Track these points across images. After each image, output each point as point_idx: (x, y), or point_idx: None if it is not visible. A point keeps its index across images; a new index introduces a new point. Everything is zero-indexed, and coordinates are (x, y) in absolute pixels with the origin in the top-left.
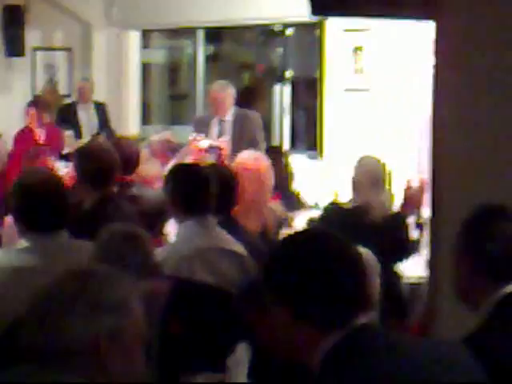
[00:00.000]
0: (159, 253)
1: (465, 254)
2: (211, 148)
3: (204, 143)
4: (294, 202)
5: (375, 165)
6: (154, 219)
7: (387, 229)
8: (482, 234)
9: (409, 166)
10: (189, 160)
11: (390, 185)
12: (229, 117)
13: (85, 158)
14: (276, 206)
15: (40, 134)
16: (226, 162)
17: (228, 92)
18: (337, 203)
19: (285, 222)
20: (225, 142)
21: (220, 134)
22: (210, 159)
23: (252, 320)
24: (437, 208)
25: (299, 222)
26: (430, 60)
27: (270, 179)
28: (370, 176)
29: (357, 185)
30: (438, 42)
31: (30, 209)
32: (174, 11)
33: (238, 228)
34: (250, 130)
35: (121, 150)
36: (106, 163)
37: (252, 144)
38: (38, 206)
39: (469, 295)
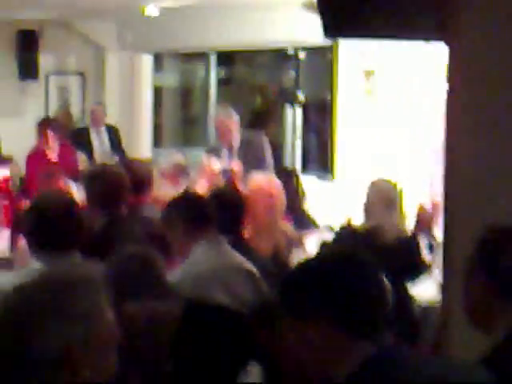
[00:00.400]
0: (175, 274)
1: (477, 275)
2: (224, 171)
3: (217, 166)
4: (305, 223)
5: (388, 187)
6: (165, 241)
7: (400, 251)
8: (495, 255)
9: (422, 188)
10: (203, 183)
11: (402, 207)
12: (236, 143)
13: (94, 180)
14: (287, 226)
15: (53, 154)
16: (239, 185)
17: (233, 119)
18: (349, 226)
19: (296, 243)
20: (236, 165)
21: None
22: (222, 182)
23: (264, 340)
24: (449, 230)
25: (311, 243)
26: (443, 83)
27: (282, 201)
28: (383, 198)
29: (369, 207)
30: (450, 65)
31: (44, 229)
32: (187, 35)
33: (249, 249)
34: (255, 155)
35: (132, 172)
36: (115, 185)
37: (258, 167)
38: (52, 226)
39: (482, 318)
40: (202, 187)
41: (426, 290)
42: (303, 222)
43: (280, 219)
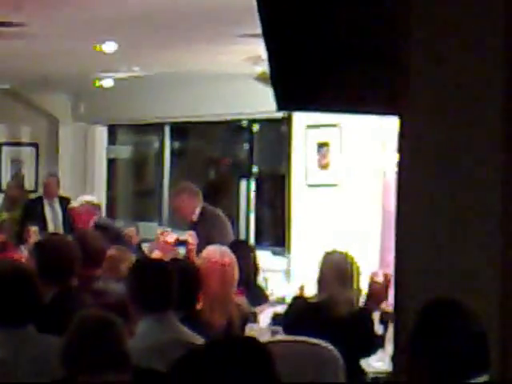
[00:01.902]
0: None
1: (420, 353)
2: (179, 242)
3: (171, 237)
4: (259, 297)
5: (341, 259)
6: (119, 313)
7: (352, 325)
8: (437, 333)
9: (374, 260)
10: (156, 255)
11: (357, 280)
12: (195, 217)
13: (43, 251)
14: (241, 300)
15: None
16: (195, 256)
17: (184, 196)
18: (302, 298)
19: (250, 317)
20: (192, 236)
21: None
22: (178, 253)
23: None
24: (400, 303)
25: (264, 317)
26: (395, 154)
27: (235, 274)
28: (336, 271)
29: (322, 279)
30: (401, 136)
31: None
32: (141, 107)
33: (202, 323)
34: (207, 230)
35: (86, 243)
36: (65, 256)
37: (209, 242)
38: (6, 299)
39: None
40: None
41: (379, 362)
42: (257, 295)
43: (233, 292)
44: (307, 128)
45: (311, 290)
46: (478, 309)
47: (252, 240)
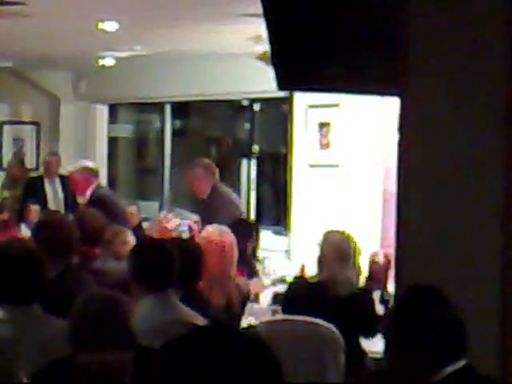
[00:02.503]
0: None
1: (397, 339)
2: (179, 227)
3: (173, 223)
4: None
5: (341, 239)
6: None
7: (352, 304)
8: (413, 320)
9: (374, 241)
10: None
11: (357, 260)
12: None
13: (42, 230)
14: (241, 280)
15: None
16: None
17: (199, 172)
18: (302, 277)
19: (251, 296)
20: (196, 222)
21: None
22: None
23: None
24: (401, 283)
25: (265, 296)
26: (396, 134)
27: (234, 254)
28: (336, 251)
29: (322, 259)
30: (401, 116)
31: (4, 282)
32: (142, 86)
33: (202, 302)
34: (214, 210)
35: (85, 223)
36: (64, 236)
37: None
38: (14, 278)
39: (405, 382)
40: None
41: (379, 342)
42: (253, 274)
43: (232, 271)
44: (308, 107)
45: (312, 270)
46: (476, 292)
47: (253, 219)
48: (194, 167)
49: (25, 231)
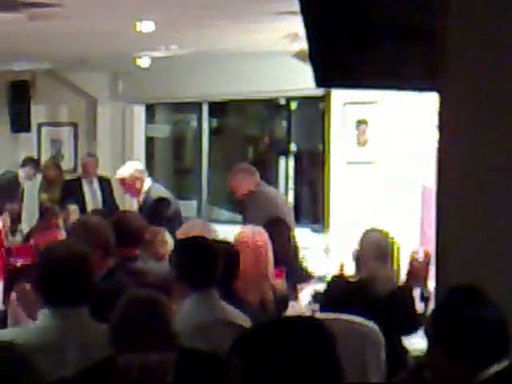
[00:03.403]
0: None
1: (439, 340)
2: None
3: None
4: (300, 275)
5: (381, 238)
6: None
7: (393, 303)
8: (456, 320)
9: (413, 238)
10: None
11: (397, 258)
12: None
13: (77, 232)
14: (278, 282)
15: None
16: None
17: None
18: (341, 276)
19: (290, 296)
20: None
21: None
22: None
23: None
24: (442, 281)
25: (304, 295)
26: (434, 132)
27: (269, 254)
28: (375, 249)
29: (361, 258)
30: (441, 113)
31: (52, 283)
32: (179, 85)
33: (240, 302)
34: (250, 211)
35: (124, 224)
36: (99, 238)
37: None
38: (61, 280)
39: (447, 382)
40: None
41: (420, 340)
42: (298, 273)
43: (268, 271)
44: (345, 105)
45: (351, 268)
46: None
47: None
48: (233, 173)
49: (63, 233)
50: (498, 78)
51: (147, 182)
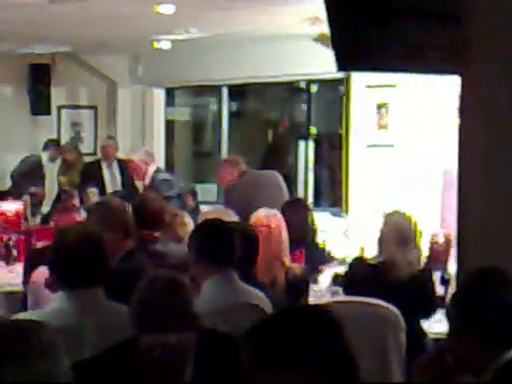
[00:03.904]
0: None
1: (462, 323)
2: None
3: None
4: (320, 256)
5: (402, 221)
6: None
7: (413, 286)
8: (480, 303)
9: (433, 221)
10: None
11: (418, 241)
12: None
13: (96, 214)
14: (297, 267)
15: None
16: None
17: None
18: (362, 259)
19: (310, 278)
20: None
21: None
22: None
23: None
24: (463, 263)
25: (324, 277)
26: (455, 116)
27: (283, 237)
28: (397, 232)
29: (383, 240)
30: (463, 96)
31: (66, 264)
32: (198, 69)
33: (259, 285)
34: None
35: (144, 206)
36: (118, 220)
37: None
38: (74, 261)
39: (468, 364)
40: None
41: (440, 322)
42: (317, 255)
43: (280, 254)
44: (366, 88)
45: (371, 251)
46: None
47: (311, 201)
48: (218, 164)
49: (84, 215)
50: None
51: (153, 167)
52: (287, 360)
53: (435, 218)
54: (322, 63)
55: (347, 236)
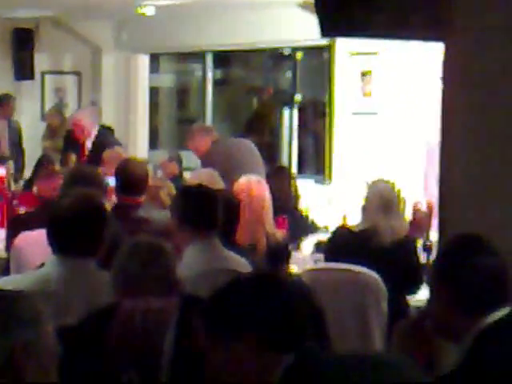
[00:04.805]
0: None
1: (441, 287)
2: None
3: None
4: (303, 225)
5: (386, 188)
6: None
7: (396, 253)
8: (459, 267)
9: (416, 189)
10: None
11: (402, 209)
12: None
13: (74, 180)
14: (280, 233)
15: None
16: None
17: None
18: (345, 226)
19: (288, 246)
20: None
21: None
22: None
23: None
24: (444, 231)
25: (307, 244)
26: (438, 83)
27: (265, 202)
28: (380, 199)
29: (366, 208)
30: (446, 62)
31: (64, 230)
32: (183, 35)
33: (239, 250)
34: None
35: (128, 172)
36: (96, 184)
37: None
38: (74, 228)
39: (448, 330)
40: None
41: (421, 290)
42: (299, 222)
43: (263, 220)
44: (350, 55)
45: (354, 219)
46: None
47: (295, 168)
48: (191, 132)
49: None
50: (504, 29)
51: (96, 129)
52: (234, 328)
53: (418, 186)
54: (307, 30)
55: (331, 203)
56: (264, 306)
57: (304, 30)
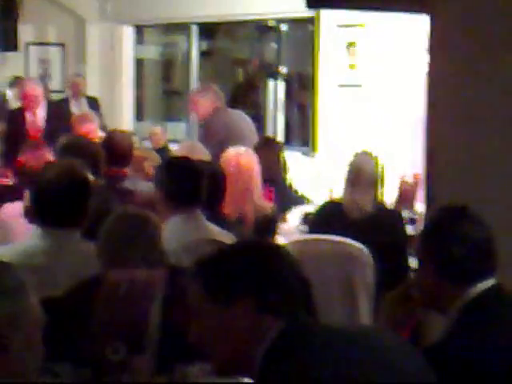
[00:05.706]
0: None
1: (428, 258)
2: None
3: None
4: (290, 196)
5: (369, 161)
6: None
7: (380, 223)
8: (445, 237)
9: (402, 161)
10: None
11: (383, 180)
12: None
13: (66, 151)
14: (266, 204)
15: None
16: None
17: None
18: (333, 199)
19: (278, 217)
20: None
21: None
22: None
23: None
24: (431, 203)
25: (293, 216)
26: (424, 56)
27: (253, 173)
28: (364, 172)
29: (350, 181)
30: (432, 34)
31: (49, 202)
32: (168, 6)
33: (225, 222)
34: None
35: (113, 143)
36: (88, 156)
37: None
38: (58, 200)
39: (435, 301)
40: None
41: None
42: (287, 194)
43: (251, 191)
44: (335, 27)
45: (340, 191)
46: (507, 213)
47: (280, 140)
48: (195, 94)
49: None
50: (491, 0)
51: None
52: (228, 290)
53: (405, 159)
54: (292, 2)
55: (317, 176)
56: (258, 269)
57: (289, 1)
